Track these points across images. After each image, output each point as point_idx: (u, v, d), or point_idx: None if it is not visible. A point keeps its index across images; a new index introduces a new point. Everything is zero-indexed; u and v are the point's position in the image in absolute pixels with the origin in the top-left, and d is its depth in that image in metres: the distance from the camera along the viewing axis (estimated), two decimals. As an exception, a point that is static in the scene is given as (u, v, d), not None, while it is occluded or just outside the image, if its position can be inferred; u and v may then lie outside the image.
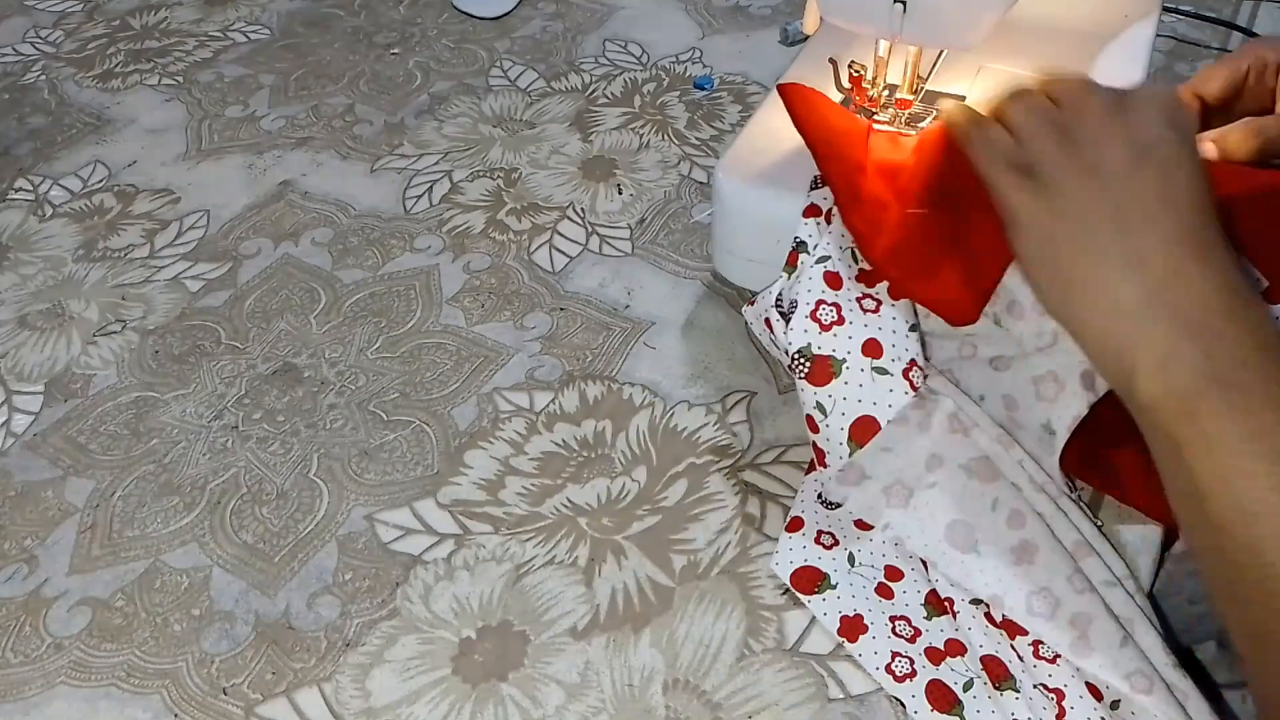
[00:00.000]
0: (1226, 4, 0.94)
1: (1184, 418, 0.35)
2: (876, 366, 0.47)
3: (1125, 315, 0.37)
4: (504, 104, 0.87)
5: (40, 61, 0.96)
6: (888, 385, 0.47)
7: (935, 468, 0.48)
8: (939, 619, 0.48)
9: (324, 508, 0.56)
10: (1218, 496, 0.34)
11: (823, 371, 0.47)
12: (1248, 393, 0.34)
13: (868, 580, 0.49)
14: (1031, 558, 0.46)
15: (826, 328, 0.48)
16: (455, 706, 0.47)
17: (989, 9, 0.49)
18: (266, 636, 0.50)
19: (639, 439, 0.58)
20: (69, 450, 0.60)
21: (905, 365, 0.47)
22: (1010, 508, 0.47)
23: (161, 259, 0.73)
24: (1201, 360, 0.35)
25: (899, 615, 0.48)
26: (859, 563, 0.50)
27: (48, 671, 0.49)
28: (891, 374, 0.47)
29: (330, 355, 0.65)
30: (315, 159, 0.82)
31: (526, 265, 0.71)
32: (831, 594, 0.49)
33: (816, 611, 0.49)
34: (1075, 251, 0.38)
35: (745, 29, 0.95)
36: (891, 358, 0.47)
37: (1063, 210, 0.39)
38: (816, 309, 0.49)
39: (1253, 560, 0.33)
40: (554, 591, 0.51)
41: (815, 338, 0.48)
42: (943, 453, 0.47)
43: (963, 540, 0.47)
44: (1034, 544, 0.46)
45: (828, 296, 0.49)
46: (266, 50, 0.96)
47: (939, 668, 0.46)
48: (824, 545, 0.51)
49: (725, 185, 0.57)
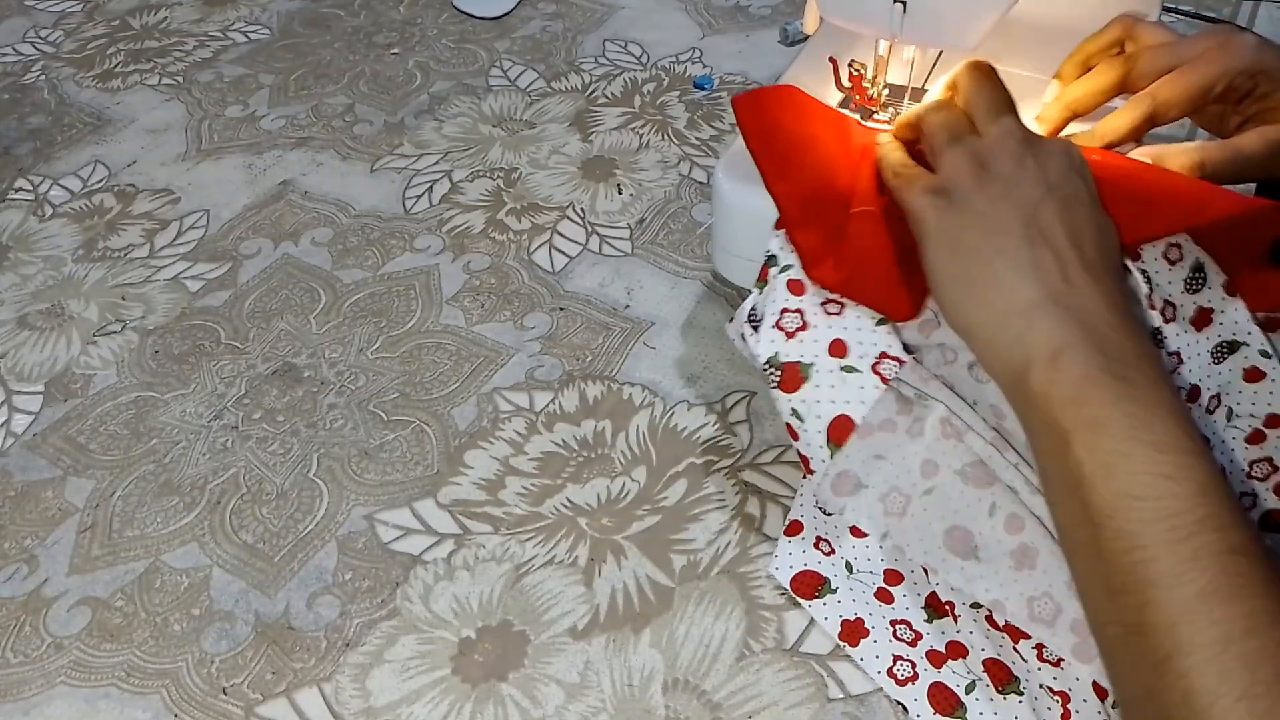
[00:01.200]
0: (1226, 4, 0.94)
1: (1073, 405, 0.37)
2: (844, 366, 0.47)
3: (1021, 313, 0.40)
4: (504, 104, 0.87)
5: (40, 61, 0.96)
6: (858, 383, 0.47)
7: (931, 474, 0.47)
8: (939, 621, 0.48)
9: (324, 508, 0.56)
10: (1100, 483, 0.36)
11: (793, 378, 0.48)
12: (1135, 386, 0.37)
13: (867, 585, 0.49)
14: (1032, 562, 0.46)
15: (791, 335, 0.48)
16: (455, 706, 0.47)
17: (989, 9, 0.49)
18: (266, 636, 0.50)
19: (639, 439, 0.58)
20: (69, 450, 0.60)
21: (874, 360, 0.48)
22: (1008, 512, 0.47)
23: (161, 259, 0.73)
24: (1094, 353, 0.38)
25: (899, 619, 0.48)
26: (856, 569, 0.50)
27: (48, 671, 0.49)
28: (860, 370, 0.47)
29: (330, 355, 0.65)
30: (315, 159, 0.82)
31: (526, 265, 0.71)
32: (832, 598, 0.49)
33: (817, 616, 0.49)
34: (979, 256, 0.42)
35: (745, 29, 0.95)
36: (858, 355, 0.48)
37: (969, 223, 0.42)
38: (781, 317, 0.49)
39: (1129, 545, 0.35)
40: (554, 591, 0.51)
41: (782, 346, 0.48)
42: (937, 459, 0.47)
43: (962, 546, 0.47)
44: (1033, 548, 0.46)
45: (791, 304, 0.49)
46: (266, 50, 0.96)
47: (940, 670, 0.46)
48: (823, 551, 0.51)
49: (725, 185, 0.57)
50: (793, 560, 0.51)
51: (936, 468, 0.47)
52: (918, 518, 0.48)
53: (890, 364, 0.47)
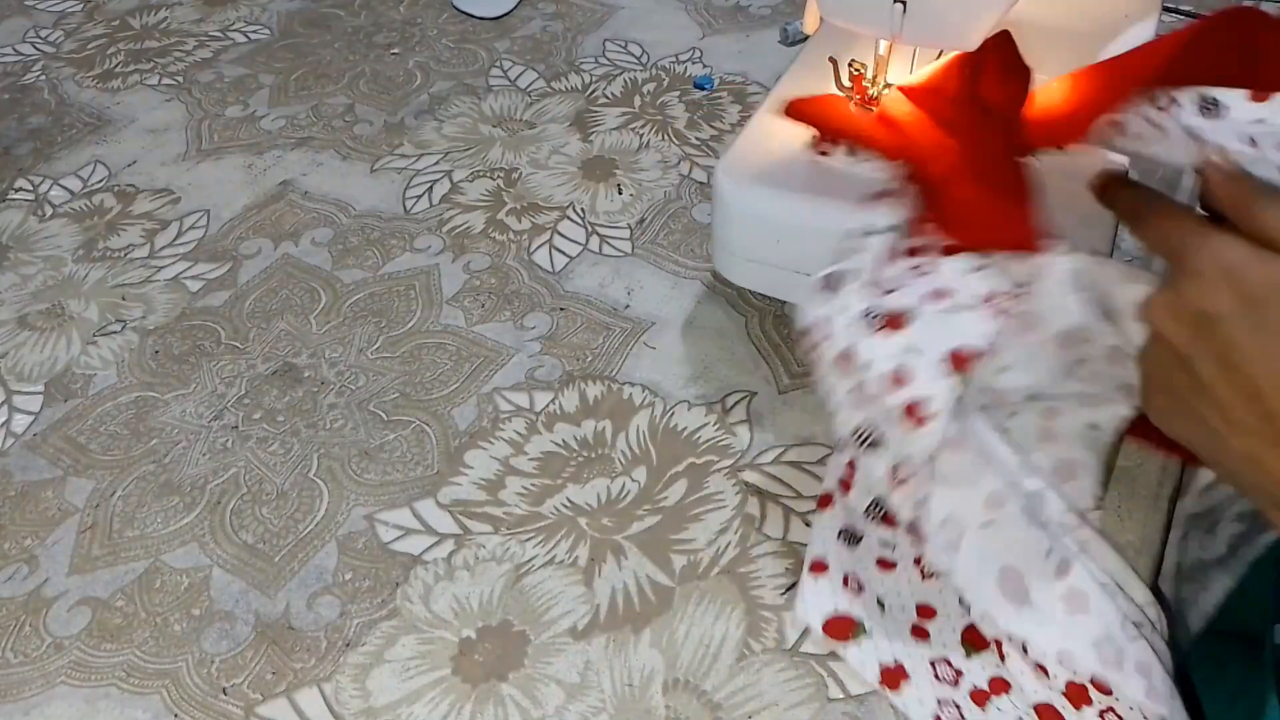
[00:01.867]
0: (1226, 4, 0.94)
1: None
2: (950, 309, 0.43)
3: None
4: (504, 104, 0.87)
5: (40, 61, 0.96)
6: (971, 318, 0.42)
7: (995, 507, 0.44)
8: (979, 656, 0.46)
9: (324, 508, 0.56)
10: None
11: (897, 320, 0.43)
12: None
13: (901, 623, 0.47)
14: (1084, 605, 0.44)
15: (888, 292, 0.44)
16: (455, 706, 0.47)
17: (989, 9, 0.49)
18: (266, 636, 0.50)
19: (639, 439, 0.58)
20: (69, 450, 0.60)
21: (983, 297, 0.43)
22: (1060, 555, 0.45)
23: (161, 259, 0.73)
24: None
25: (938, 658, 0.46)
26: (888, 606, 0.48)
27: (48, 671, 0.49)
28: (973, 307, 0.42)
29: (330, 355, 0.65)
30: (315, 159, 0.82)
31: (526, 265, 0.71)
32: (869, 643, 0.47)
33: (854, 663, 0.47)
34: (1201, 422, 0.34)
35: (745, 29, 0.95)
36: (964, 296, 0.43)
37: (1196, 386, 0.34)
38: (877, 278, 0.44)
39: None
40: (554, 591, 0.51)
41: (880, 300, 0.44)
42: (1005, 492, 0.45)
43: (1014, 589, 0.44)
44: (1082, 590, 0.44)
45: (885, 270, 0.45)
46: (266, 50, 0.96)
47: (986, 710, 0.44)
48: (852, 590, 0.48)
49: (725, 185, 0.57)
50: (823, 603, 0.48)
51: (1003, 502, 0.45)
52: (969, 554, 0.45)
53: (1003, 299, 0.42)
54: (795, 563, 0.52)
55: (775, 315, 0.66)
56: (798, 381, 0.61)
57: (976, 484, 0.44)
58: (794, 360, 0.63)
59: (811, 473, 0.56)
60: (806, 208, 0.55)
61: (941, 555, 0.45)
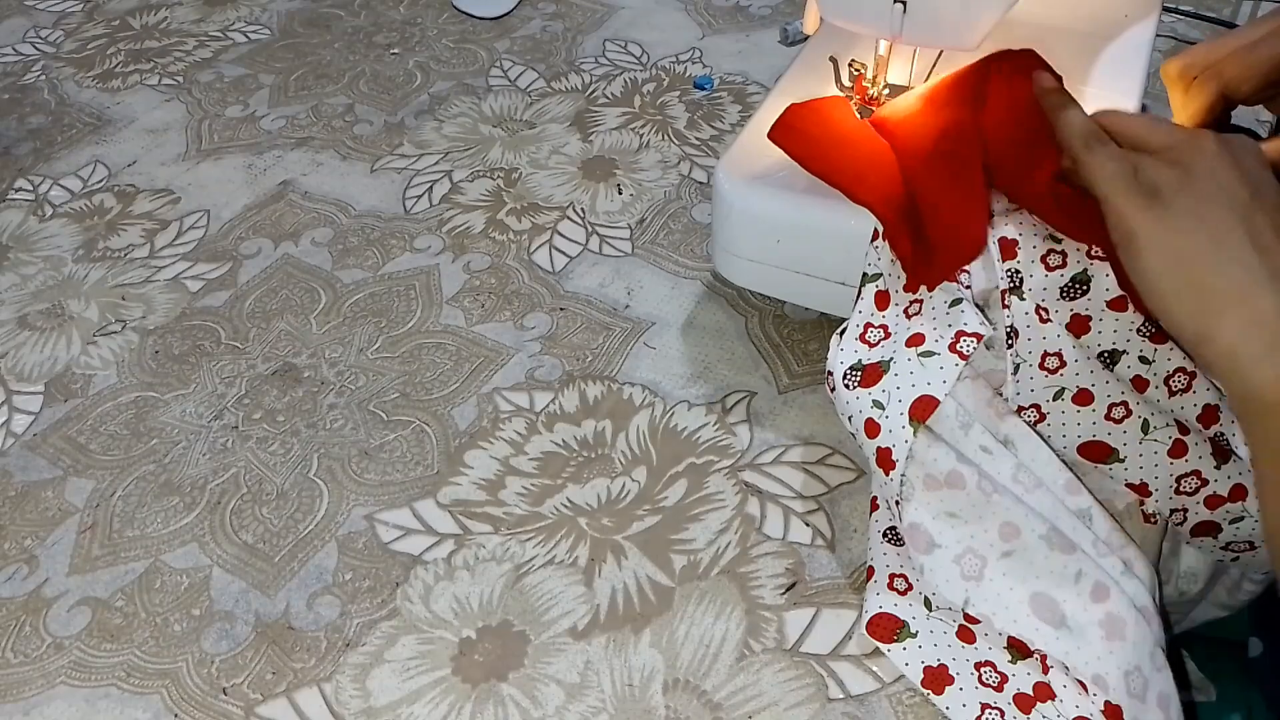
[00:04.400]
0: (1226, 4, 0.95)
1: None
2: (922, 353, 0.46)
3: (1266, 324, 0.37)
4: (504, 104, 0.87)
5: (40, 61, 0.96)
6: (937, 364, 0.45)
7: (1011, 536, 0.45)
8: (1023, 662, 0.46)
9: (324, 508, 0.56)
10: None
11: (874, 374, 0.46)
12: None
13: (948, 625, 0.47)
14: (1121, 633, 0.44)
15: (874, 345, 0.48)
16: (455, 706, 0.47)
17: (989, 9, 0.49)
18: (266, 636, 0.50)
19: (639, 439, 0.58)
20: (69, 450, 0.60)
21: (951, 340, 0.45)
22: (1093, 580, 0.45)
23: (161, 259, 0.73)
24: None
25: (984, 661, 0.46)
26: (936, 605, 0.48)
27: (48, 671, 0.49)
28: (938, 353, 0.45)
29: (330, 355, 0.65)
30: (315, 159, 0.82)
31: (526, 265, 0.71)
32: (913, 643, 0.47)
33: (898, 662, 0.47)
34: (1211, 266, 0.38)
35: (745, 29, 0.95)
36: (935, 339, 0.46)
37: (1189, 227, 0.39)
38: (865, 331, 0.48)
39: None
40: (554, 591, 0.51)
41: (865, 354, 0.47)
42: (1018, 521, 0.45)
43: (1050, 613, 0.45)
44: (1120, 617, 0.44)
45: (875, 320, 0.48)
46: (266, 50, 0.96)
47: (1030, 716, 0.44)
48: (898, 590, 0.48)
49: (725, 185, 0.57)
50: (867, 604, 0.48)
51: (1018, 531, 0.45)
52: (996, 583, 0.45)
53: (969, 340, 0.45)
54: (795, 563, 0.52)
55: (775, 315, 0.66)
56: (798, 381, 0.61)
57: (983, 518, 0.45)
58: (794, 360, 0.63)
59: (812, 472, 0.56)
60: (806, 208, 0.55)
61: (951, 588, 0.46)
